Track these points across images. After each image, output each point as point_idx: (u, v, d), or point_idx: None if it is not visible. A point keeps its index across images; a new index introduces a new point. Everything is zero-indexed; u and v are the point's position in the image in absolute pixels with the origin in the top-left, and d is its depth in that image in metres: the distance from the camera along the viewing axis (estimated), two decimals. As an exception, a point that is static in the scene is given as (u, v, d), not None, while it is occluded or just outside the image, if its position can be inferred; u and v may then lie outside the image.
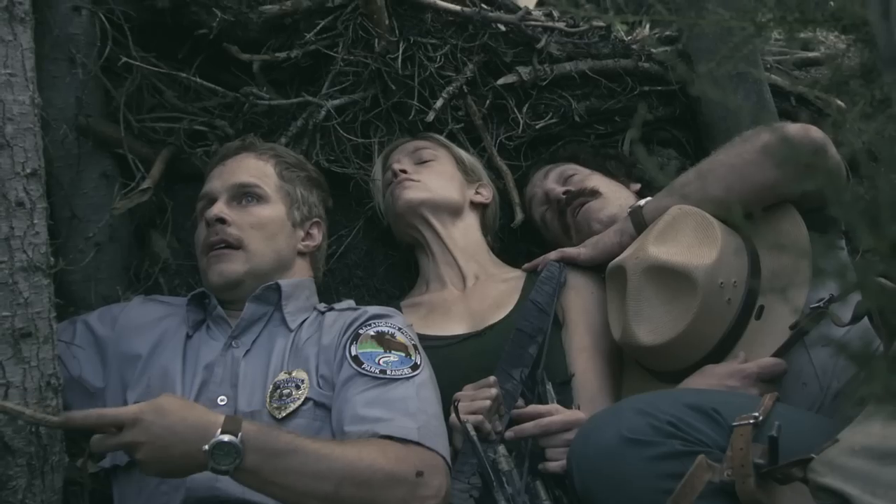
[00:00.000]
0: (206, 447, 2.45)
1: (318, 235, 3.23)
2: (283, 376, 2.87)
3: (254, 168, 3.15)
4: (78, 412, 2.58)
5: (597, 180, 3.44)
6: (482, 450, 2.73)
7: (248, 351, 2.96)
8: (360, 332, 2.91)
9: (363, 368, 2.80)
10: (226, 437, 2.46)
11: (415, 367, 2.85)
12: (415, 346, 2.92)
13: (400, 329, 2.96)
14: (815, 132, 2.79)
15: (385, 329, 2.93)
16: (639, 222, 3.12)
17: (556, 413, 2.87)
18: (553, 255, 3.28)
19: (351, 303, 3.12)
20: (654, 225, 3.01)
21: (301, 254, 3.17)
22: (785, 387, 2.82)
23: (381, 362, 2.82)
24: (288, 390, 2.83)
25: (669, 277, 2.88)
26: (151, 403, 2.51)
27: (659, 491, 2.42)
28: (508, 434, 2.82)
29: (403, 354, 2.87)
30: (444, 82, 3.58)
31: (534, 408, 2.90)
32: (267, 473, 2.50)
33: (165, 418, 2.47)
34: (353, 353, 2.85)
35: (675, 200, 3.03)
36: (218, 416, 2.52)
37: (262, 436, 2.53)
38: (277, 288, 3.03)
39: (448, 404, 2.84)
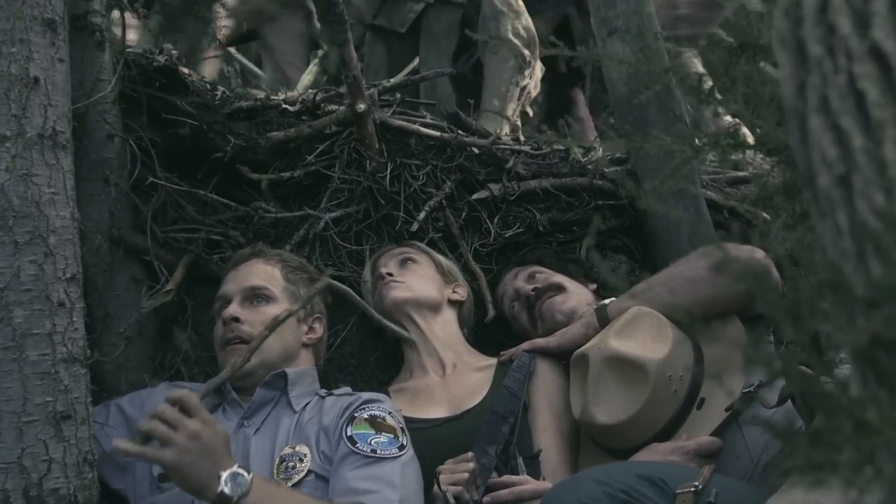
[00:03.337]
0: (224, 473, 2.52)
1: (319, 329, 3.26)
2: (287, 450, 2.90)
3: (263, 272, 3.19)
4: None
5: (560, 278, 3.49)
6: (459, 515, 2.77)
7: (257, 430, 2.99)
8: (356, 415, 2.94)
9: (356, 448, 2.84)
10: (240, 471, 2.55)
11: (401, 447, 2.89)
12: (402, 429, 2.96)
13: (390, 413, 2.99)
14: (760, 254, 2.84)
15: (377, 413, 2.97)
16: (603, 318, 3.16)
17: (526, 483, 2.91)
18: (525, 345, 3.32)
19: (348, 389, 3.15)
20: (616, 321, 3.07)
21: (305, 345, 3.20)
22: (721, 460, 2.86)
23: (372, 443, 2.86)
24: (293, 463, 2.86)
25: (626, 367, 2.93)
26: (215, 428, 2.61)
27: (613, 551, 2.46)
28: (486, 500, 2.86)
29: (392, 436, 2.90)
30: (426, 197, 3.62)
31: (507, 478, 2.94)
32: None
33: (212, 442, 2.56)
34: (349, 433, 2.88)
35: (636, 302, 3.08)
36: (234, 459, 2.61)
37: (266, 483, 2.64)
38: (284, 375, 3.06)
39: (431, 478, 2.87)
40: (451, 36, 5.09)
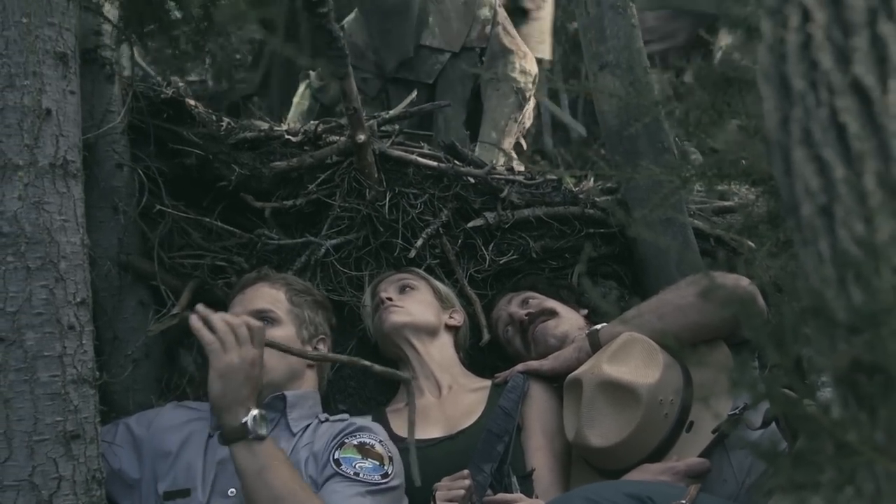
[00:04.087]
0: (255, 410, 2.69)
1: (324, 350, 3.25)
2: None
3: (268, 295, 3.19)
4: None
5: (552, 304, 3.49)
6: (455, 530, 2.78)
7: (256, 452, 3.00)
8: (346, 440, 2.94)
9: (340, 469, 2.85)
10: (267, 421, 2.73)
11: (384, 475, 2.88)
12: (390, 458, 2.95)
13: (380, 442, 2.98)
14: (745, 282, 2.85)
15: (367, 440, 2.96)
16: (595, 343, 3.17)
17: (520, 501, 2.91)
18: (519, 367, 3.32)
19: (346, 416, 3.15)
20: (608, 346, 3.07)
21: (310, 366, 3.18)
22: (709, 482, 2.87)
23: (356, 466, 2.86)
24: None
25: (619, 392, 2.93)
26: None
27: (603, 566, 2.46)
28: (481, 518, 2.87)
29: (378, 463, 2.90)
30: (423, 225, 3.62)
31: (502, 496, 2.94)
32: (263, 464, 2.68)
33: (258, 381, 2.76)
34: (336, 456, 2.89)
35: (627, 328, 3.08)
36: None
37: (277, 447, 2.77)
38: (283, 398, 3.06)
39: (428, 495, 2.87)
40: (466, 82, 5.11)
